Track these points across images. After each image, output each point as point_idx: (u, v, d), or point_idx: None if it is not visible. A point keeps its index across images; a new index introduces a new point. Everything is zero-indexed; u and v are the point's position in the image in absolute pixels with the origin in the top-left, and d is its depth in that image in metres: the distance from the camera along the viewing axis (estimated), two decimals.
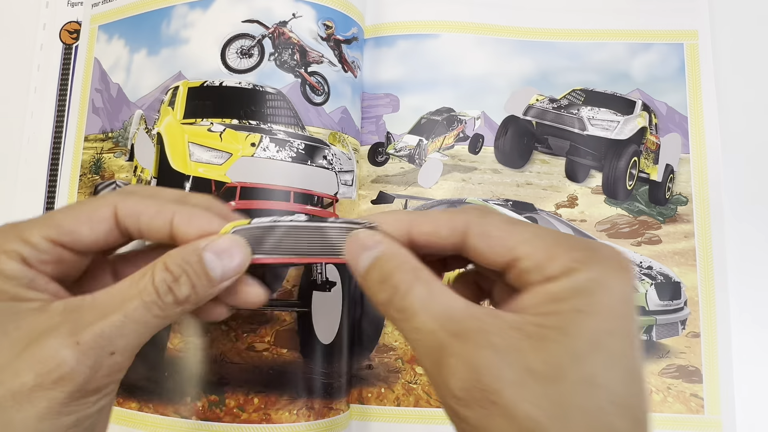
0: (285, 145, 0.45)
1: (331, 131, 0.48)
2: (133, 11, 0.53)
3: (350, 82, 0.50)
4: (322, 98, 0.48)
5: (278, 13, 0.47)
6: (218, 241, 0.25)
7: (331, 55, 0.48)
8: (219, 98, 0.47)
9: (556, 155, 0.55)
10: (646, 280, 0.51)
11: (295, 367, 0.44)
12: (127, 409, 0.45)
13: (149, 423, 0.44)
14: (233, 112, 0.46)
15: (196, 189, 0.45)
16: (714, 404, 0.49)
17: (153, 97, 0.50)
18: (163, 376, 0.44)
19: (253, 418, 0.42)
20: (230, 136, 0.45)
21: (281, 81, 0.47)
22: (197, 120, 0.47)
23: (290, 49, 0.47)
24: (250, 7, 0.48)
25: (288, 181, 0.44)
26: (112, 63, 0.54)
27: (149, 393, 0.44)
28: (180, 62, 0.49)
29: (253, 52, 0.47)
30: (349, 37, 0.50)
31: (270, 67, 0.47)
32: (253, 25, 0.47)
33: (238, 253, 0.26)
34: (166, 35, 0.50)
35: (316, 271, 0.46)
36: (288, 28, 0.47)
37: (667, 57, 0.54)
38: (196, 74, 0.48)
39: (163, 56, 0.50)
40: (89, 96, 0.54)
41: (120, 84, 0.53)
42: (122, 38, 0.53)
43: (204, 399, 0.43)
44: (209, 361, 0.43)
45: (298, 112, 0.47)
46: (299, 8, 0.48)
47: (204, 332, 0.44)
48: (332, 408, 0.45)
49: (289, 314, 0.44)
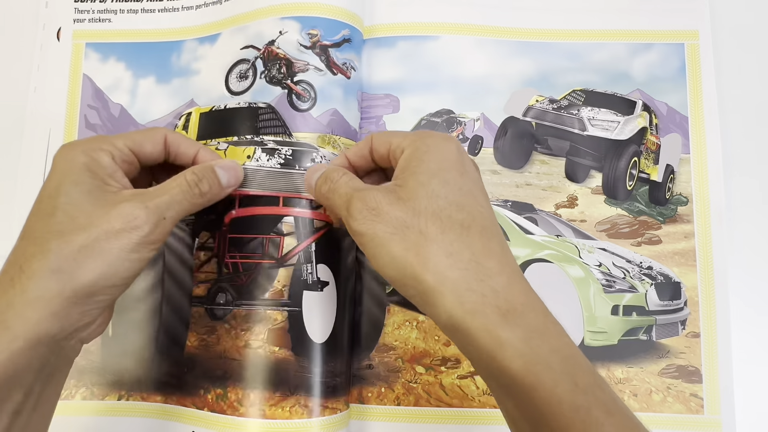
0: (274, 153, 0.48)
1: (320, 134, 0.50)
2: (131, 38, 0.57)
3: (342, 84, 0.51)
4: (308, 104, 0.50)
5: (267, 33, 0.51)
6: (225, 161, 0.43)
7: (317, 62, 0.51)
8: (224, 120, 0.52)
9: (555, 156, 0.55)
10: (646, 280, 0.51)
11: (287, 364, 0.45)
12: (152, 403, 0.49)
13: (173, 414, 0.49)
14: (235, 131, 0.51)
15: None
16: (714, 404, 0.49)
17: (166, 121, 0.55)
18: (183, 372, 0.48)
19: (250, 412, 0.45)
20: (231, 152, 0.49)
21: (271, 95, 0.51)
22: (208, 141, 0.52)
23: (278, 64, 0.51)
24: (246, 35, 0.53)
25: (278, 186, 0.48)
26: (110, 83, 0.56)
27: (172, 387, 0.49)
28: (192, 91, 0.55)
29: (248, 74, 0.52)
30: (338, 40, 0.51)
31: (261, 84, 0.51)
32: (248, 50, 0.52)
33: (236, 170, 0.43)
34: (178, 66, 0.56)
35: (306, 271, 0.47)
36: (276, 46, 0.51)
37: (667, 57, 0.54)
38: (206, 101, 0.54)
39: (174, 85, 0.55)
40: (79, 112, 0.55)
41: (123, 105, 0.55)
42: (122, 61, 0.56)
43: (213, 392, 0.46)
44: (215, 357, 0.47)
45: (285, 120, 0.50)
46: (285, 25, 0.51)
47: (213, 331, 0.48)
48: (328, 407, 0.46)
49: (280, 313, 0.47)
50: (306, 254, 0.48)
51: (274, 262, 0.48)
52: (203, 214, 0.49)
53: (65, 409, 0.50)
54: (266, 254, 0.49)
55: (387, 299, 0.51)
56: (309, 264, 0.47)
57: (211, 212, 0.49)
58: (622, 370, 0.50)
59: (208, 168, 0.40)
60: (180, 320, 0.49)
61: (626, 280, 0.51)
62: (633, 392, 0.49)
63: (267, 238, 0.49)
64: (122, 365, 0.50)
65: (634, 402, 0.49)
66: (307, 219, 0.48)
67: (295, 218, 0.48)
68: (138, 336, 0.50)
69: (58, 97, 0.56)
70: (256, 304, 0.47)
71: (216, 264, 0.50)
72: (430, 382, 0.50)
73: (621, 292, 0.51)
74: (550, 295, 0.51)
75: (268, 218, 0.48)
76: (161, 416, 0.49)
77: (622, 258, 0.52)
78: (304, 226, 0.48)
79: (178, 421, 0.48)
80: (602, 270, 0.51)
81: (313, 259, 0.47)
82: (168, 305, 0.49)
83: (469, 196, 0.34)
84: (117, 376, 0.50)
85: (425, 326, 0.51)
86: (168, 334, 0.49)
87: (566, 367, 0.30)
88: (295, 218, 0.48)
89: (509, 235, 0.53)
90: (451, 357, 0.50)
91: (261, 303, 0.47)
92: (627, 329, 0.51)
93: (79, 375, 0.51)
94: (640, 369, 0.50)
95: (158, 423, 0.49)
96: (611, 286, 0.51)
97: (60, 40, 0.57)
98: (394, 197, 0.34)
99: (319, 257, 0.47)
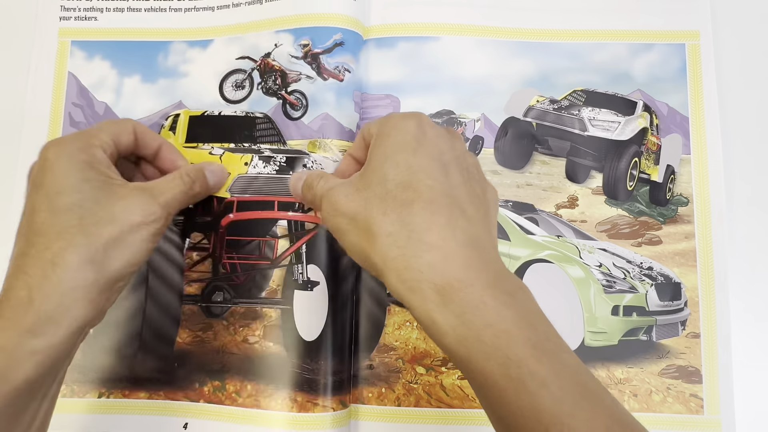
0: (270, 160, 0.51)
1: (310, 140, 0.52)
2: (117, 36, 0.57)
3: (333, 88, 0.53)
4: (300, 112, 0.53)
5: (263, 46, 0.54)
6: (213, 165, 0.46)
7: (308, 70, 0.53)
8: (218, 126, 0.54)
9: (556, 156, 0.55)
10: (647, 281, 0.51)
11: (278, 359, 0.49)
12: (135, 399, 0.50)
13: (161, 408, 0.50)
14: (231, 138, 0.53)
15: (201, 205, 0.51)
16: (713, 405, 0.49)
17: (152, 121, 0.55)
18: (173, 367, 0.50)
19: (247, 402, 0.48)
20: (228, 158, 0.51)
21: (267, 105, 0.54)
22: (198, 144, 0.53)
23: (273, 76, 0.54)
24: (241, 46, 0.55)
25: (273, 191, 0.51)
26: (95, 81, 0.56)
27: (159, 382, 0.50)
28: (180, 92, 0.55)
29: (245, 84, 0.54)
30: (329, 46, 0.53)
31: (258, 94, 0.54)
32: (244, 61, 0.54)
33: (222, 173, 0.46)
34: (164, 67, 0.56)
35: (297, 271, 0.51)
36: (271, 58, 0.54)
37: (668, 57, 0.54)
38: (196, 104, 0.55)
39: (161, 85, 0.56)
40: (64, 109, 0.55)
41: (108, 103, 0.56)
42: (107, 60, 0.56)
43: (209, 384, 0.49)
44: (213, 352, 0.50)
45: (280, 129, 0.53)
46: (279, 38, 0.54)
47: (209, 327, 0.51)
48: (317, 404, 0.47)
49: (274, 311, 0.51)
50: (297, 255, 0.51)
51: (269, 263, 0.52)
52: (195, 216, 0.52)
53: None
54: (262, 255, 0.52)
55: (387, 299, 0.52)
56: (299, 264, 0.51)
57: (205, 214, 0.52)
58: (623, 371, 0.50)
59: (200, 171, 0.44)
60: (169, 318, 0.51)
61: (626, 281, 0.51)
62: (633, 392, 0.49)
63: (263, 241, 0.52)
64: (103, 363, 0.51)
65: (634, 402, 0.49)
66: (299, 222, 0.51)
67: (288, 221, 0.52)
68: (119, 334, 0.51)
69: (44, 95, 0.56)
70: (254, 302, 0.51)
71: (211, 264, 0.52)
72: (430, 383, 0.50)
73: (621, 293, 0.51)
74: (550, 295, 0.51)
75: (262, 221, 0.51)
76: (147, 412, 0.50)
77: (623, 258, 0.52)
78: (296, 228, 0.52)
79: (165, 414, 0.50)
80: (602, 270, 0.51)
81: (304, 260, 0.50)
82: (154, 303, 0.51)
83: (420, 172, 0.34)
84: (98, 373, 0.51)
85: None
86: (154, 331, 0.51)
87: (498, 341, 0.31)
88: (288, 221, 0.52)
89: (510, 235, 0.53)
90: None
91: (258, 301, 0.51)
92: (627, 330, 0.51)
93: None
94: (640, 369, 0.50)
95: (146, 419, 0.50)
96: (611, 286, 0.51)
97: (43, 38, 0.57)
98: (353, 189, 0.37)
99: (310, 258, 0.50)
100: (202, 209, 0.52)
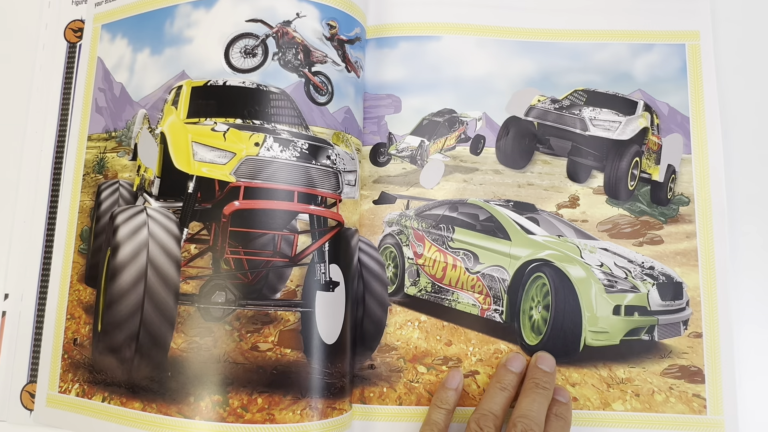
0: (289, 144, 0.45)
1: (335, 131, 0.48)
2: (136, 10, 0.54)
3: (353, 83, 0.51)
4: (326, 98, 0.48)
5: (282, 12, 0.48)
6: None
7: (334, 55, 0.49)
8: (222, 98, 0.47)
9: (557, 156, 0.55)
10: (648, 281, 0.51)
11: (299, 367, 0.44)
12: (130, 409, 0.45)
13: (152, 423, 0.44)
14: (237, 112, 0.47)
15: (200, 188, 0.45)
16: (716, 405, 0.49)
17: (156, 97, 0.51)
18: (166, 377, 0.44)
19: (256, 418, 0.42)
20: (234, 135, 0.45)
21: (285, 80, 0.47)
22: (201, 119, 0.47)
23: (294, 49, 0.48)
24: (254, 7, 0.48)
25: (292, 180, 0.44)
26: (115, 62, 0.54)
27: (153, 393, 0.44)
28: (183, 61, 0.50)
29: (257, 52, 0.47)
30: (353, 37, 0.51)
31: (274, 66, 0.48)
32: (256, 25, 0.48)
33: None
34: (170, 34, 0.51)
35: (320, 271, 0.46)
36: (292, 28, 0.47)
37: (668, 57, 0.54)
38: (199, 74, 0.49)
39: (166, 55, 0.51)
40: (92, 95, 0.54)
41: (123, 83, 0.53)
42: (125, 37, 0.54)
43: (208, 399, 0.43)
44: (213, 361, 0.43)
45: (302, 111, 0.47)
46: (303, 8, 0.48)
47: (208, 332, 0.44)
48: (335, 408, 0.45)
49: (293, 314, 0.45)
50: (320, 254, 0.46)
51: (287, 261, 0.46)
52: (194, 203, 0.46)
53: (61, 403, 0.49)
54: (278, 252, 0.47)
55: (389, 300, 0.51)
56: (322, 264, 0.46)
57: (204, 200, 0.46)
58: (624, 370, 0.50)
59: None
60: (164, 319, 0.44)
61: (628, 280, 0.51)
62: (635, 392, 0.49)
63: (280, 235, 0.46)
64: (107, 363, 0.47)
65: (637, 402, 0.49)
66: (323, 217, 0.46)
67: (310, 216, 0.46)
68: (121, 333, 0.45)
69: (80, 85, 0.55)
70: (267, 304, 0.45)
71: (212, 259, 0.46)
72: (431, 382, 0.50)
73: (623, 292, 0.51)
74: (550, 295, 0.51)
75: (279, 213, 0.44)
76: (140, 425, 0.45)
77: (624, 258, 0.52)
78: (319, 224, 0.46)
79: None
80: (604, 270, 0.51)
81: (327, 259, 0.46)
82: (150, 302, 0.44)
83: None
84: (103, 375, 0.47)
85: (427, 326, 0.51)
86: (149, 334, 0.44)
87: None
88: (311, 216, 0.46)
89: (511, 234, 0.52)
90: (452, 357, 0.50)
91: (273, 303, 0.45)
92: (629, 329, 0.50)
93: (75, 369, 0.50)
94: (642, 369, 0.50)
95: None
96: (613, 286, 0.51)
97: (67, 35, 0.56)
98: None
99: (332, 257, 0.46)
100: (201, 194, 0.45)
